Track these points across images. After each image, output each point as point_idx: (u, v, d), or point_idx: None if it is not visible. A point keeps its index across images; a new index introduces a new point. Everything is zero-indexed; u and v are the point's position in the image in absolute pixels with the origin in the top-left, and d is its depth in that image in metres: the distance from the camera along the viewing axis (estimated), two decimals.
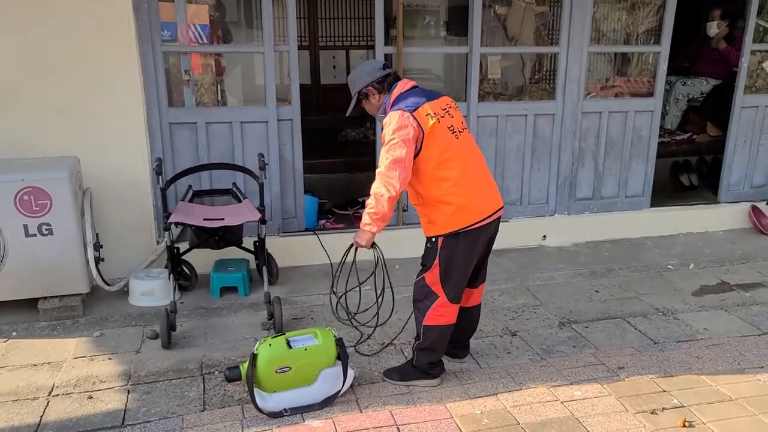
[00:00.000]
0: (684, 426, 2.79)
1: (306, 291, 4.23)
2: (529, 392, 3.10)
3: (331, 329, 3.08)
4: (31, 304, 3.74)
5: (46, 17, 3.75)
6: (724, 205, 5.51)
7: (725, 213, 5.46)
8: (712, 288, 4.40)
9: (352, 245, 3.15)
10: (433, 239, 3.00)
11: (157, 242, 4.28)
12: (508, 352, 3.52)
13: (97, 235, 3.90)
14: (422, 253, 3.09)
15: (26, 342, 3.57)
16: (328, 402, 2.98)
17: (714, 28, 5.77)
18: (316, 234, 4.58)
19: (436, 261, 2.99)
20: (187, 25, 4.10)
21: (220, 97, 4.42)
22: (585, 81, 4.87)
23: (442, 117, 2.94)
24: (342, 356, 3.02)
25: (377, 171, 2.93)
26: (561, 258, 4.86)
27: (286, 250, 4.45)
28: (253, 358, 2.87)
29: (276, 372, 2.88)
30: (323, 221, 4.98)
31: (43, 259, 3.60)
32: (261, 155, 3.90)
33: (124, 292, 4.06)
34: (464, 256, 3.00)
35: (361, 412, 2.95)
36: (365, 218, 3.00)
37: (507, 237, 4.94)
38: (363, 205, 5.20)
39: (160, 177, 3.58)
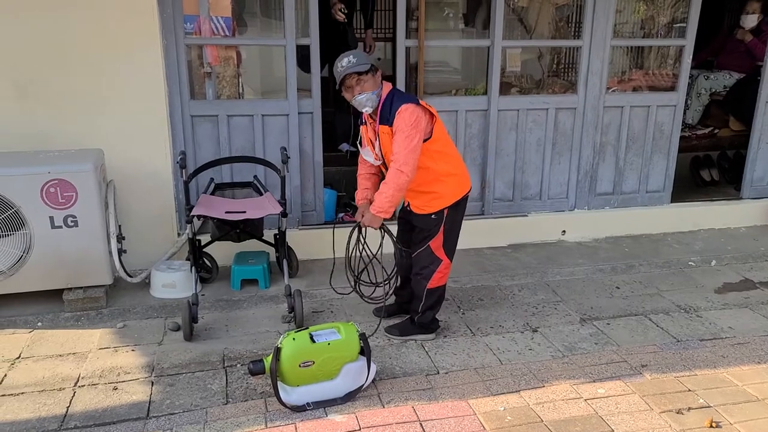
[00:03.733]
0: (711, 426, 2.77)
1: (325, 284, 4.18)
2: (552, 389, 3.10)
3: (354, 324, 3.08)
4: (55, 294, 3.78)
5: (68, 6, 3.76)
6: (747, 201, 5.45)
7: (748, 209, 5.41)
8: (735, 285, 4.36)
9: (357, 226, 3.47)
10: (439, 211, 3.34)
11: (178, 234, 4.31)
12: (530, 349, 3.51)
13: (119, 226, 3.92)
14: (416, 231, 3.46)
15: (51, 332, 3.61)
16: (350, 396, 2.99)
17: (753, 20, 5.70)
18: (333, 227, 4.56)
19: (441, 228, 3.37)
20: (210, 17, 4.09)
21: (240, 90, 4.41)
22: (607, 75, 4.83)
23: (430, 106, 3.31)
24: (365, 351, 3.02)
25: (395, 159, 3.15)
26: (581, 253, 4.84)
27: (305, 242, 4.46)
28: (277, 351, 2.89)
29: (299, 366, 2.89)
30: (342, 214, 4.99)
31: (68, 250, 3.63)
32: (283, 149, 3.90)
33: (146, 283, 4.09)
34: (461, 220, 3.47)
35: (384, 407, 2.96)
36: (382, 204, 3.24)
37: (526, 231, 4.96)
38: None
39: (183, 170, 3.58)
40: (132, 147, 4.05)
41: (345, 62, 3.20)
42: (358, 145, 3.54)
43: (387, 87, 3.27)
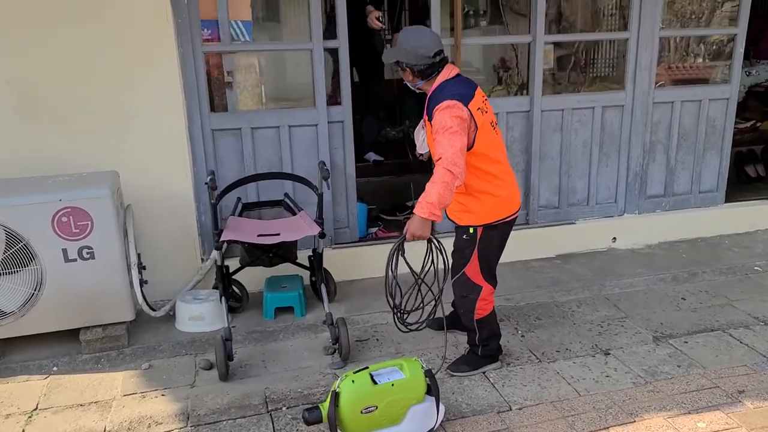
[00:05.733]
0: None
1: (366, 308, 3.87)
2: (645, 425, 2.72)
3: (418, 359, 2.71)
4: (71, 335, 3.40)
5: (75, 19, 3.40)
6: None
7: None
8: None
9: (400, 243, 2.87)
10: (471, 230, 3.00)
11: (202, 260, 3.93)
12: (607, 376, 3.13)
13: (138, 255, 3.55)
14: (454, 249, 3.09)
15: (69, 378, 3.22)
16: None
17: None
18: (369, 243, 4.22)
19: (475, 253, 3.01)
20: (229, 22, 3.73)
21: (263, 100, 4.05)
22: (656, 68, 4.48)
23: (486, 112, 2.93)
24: (433, 390, 2.65)
25: (443, 159, 2.72)
26: (636, 262, 4.47)
27: (339, 263, 4.09)
28: (335, 397, 2.51)
29: (361, 412, 2.52)
30: (374, 229, 4.62)
31: (85, 285, 3.26)
32: (322, 163, 3.54)
33: (170, 316, 3.71)
34: (499, 246, 3.10)
35: None
36: (432, 207, 2.71)
37: (574, 240, 4.61)
38: (412, 210, 4.92)
39: (213, 192, 3.20)
40: (149, 167, 3.68)
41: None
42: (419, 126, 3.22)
43: (445, 74, 2.91)
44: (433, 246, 2.98)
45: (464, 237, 3.02)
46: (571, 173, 4.55)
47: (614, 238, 4.68)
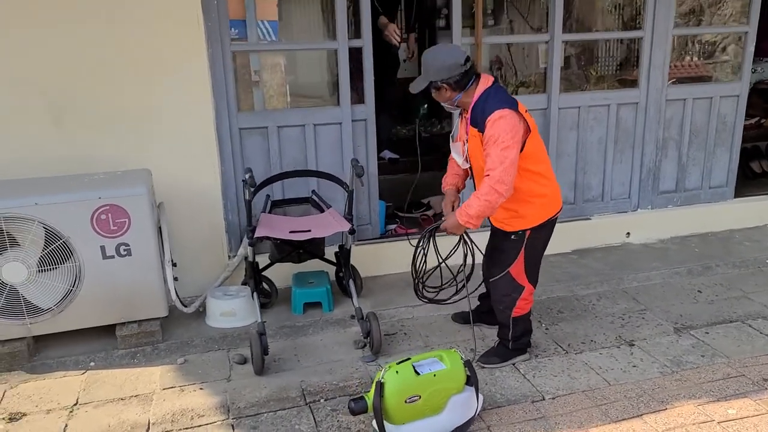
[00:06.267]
0: None
1: (391, 303, 3.94)
2: (677, 411, 2.82)
3: (457, 351, 2.78)
4: (106, 330, 3.45)
5: (107, 20, 3.44)
6: None
7: None
8: None
9: (433, 229, 3.10)
10: (520, 232, 3.03)
11: (229, 257, 3.99)
12: (634, 366, 3.22)
13: (170, 252, 3.60)
14: (496, 247, 3.16)
15: (107, 373, 3.28)
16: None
17: None
18: (390, 240, 4.28)
19: (521, 253, 3.06)
20: (256, 21, 3.79)
21: (288, 99, 4.11)
22: (668, 66, 4.57)
23: (527, 112, 2.96)
24: (473, 380, 2.73)
25: (491, 176, 2.79)
26: (651, 256, 4.57)
27: (362, 258, 4.14)
28: (380, 387, 2.58)
29: (405, 402, 2.59)
30: (393, 226, 4.69)
31: (121, 281, 3.31)
32: (356, 161, 3.59)
33: (200, 312, 3.77)
34: (543, 245, 3.15)
35: None
36: (470, 218, 2.87)
37: (589, 235, 4.70)
38: (428, 207, 5.00)
39: (250, 189, 3.25)
40: (178, 165, 3.73)
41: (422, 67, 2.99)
42: (451, 139, 3.23)
43: (484, 83, 2.91)
44: (463, 242, 3.13)
45: (512, 237, 3.05)
46: (587, 170, 4.64)
47: (628, 233, 4.77)
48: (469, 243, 3.18)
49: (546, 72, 4.42)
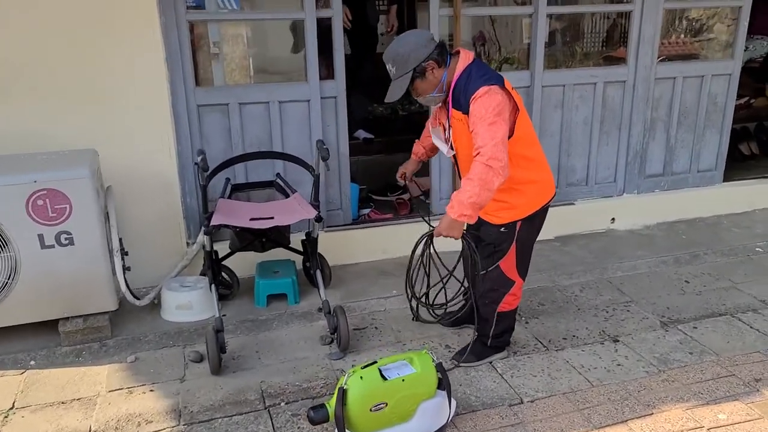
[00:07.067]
0: None
1: (363, 294, 3.69)
2: (664, 416, 2.61)
3: (428, 352, 2.54)
4: (49, 326, 3.16)
5: None
6: None
7: None
8: None
9: (427, 237, 2.92)
10: (510, 224, 2.78)
11: (187, 245, 3.71)
12: (618, 364, 3.01)
13: (120, 240, 3.31)
14: (483, 240, 2.86)
15: (48, 373, 3.00)
16: None
17: None
18: (363, 226, 4.02)
19: (513, 246, 2.81)
20: None
21: (251, 73, 3.80)
22: (659, 43, 4.32)
23: (515, 92, 2.69)
24: (444, 384, 2.50)
25: (481, 153, 2.47)
26: (636, 243, 4.36)
27: (331, 246, 3.88)
28: (342, 394, 2.34)
29: (370, 410, 2.36)
30: (366, 211, 4.42)
31: (63, 273, 3.02)
32: (321, 142, 3.31)
33: (155, 305, 3.49)
34: (536, 235, 2.91)
35: None
36: (464, 209, 2.51)
37: (573, 221, 4.49)
38: (404, 190, 4.73)
39: (204, 173, 2.96)
40: (130, 145, 3.43)
41: (389, 70, 2.65)
42: (428, 124, 2.95)
43: (464, 60, 2.61)
44: (464, 245, 2.90)
45: (501, 230, 2.78)
46: (571, 152, 4.40)
47: (613, 219, 4.56)
48: (467, 243, 2.87)
49: (529, 47, 4.14)
